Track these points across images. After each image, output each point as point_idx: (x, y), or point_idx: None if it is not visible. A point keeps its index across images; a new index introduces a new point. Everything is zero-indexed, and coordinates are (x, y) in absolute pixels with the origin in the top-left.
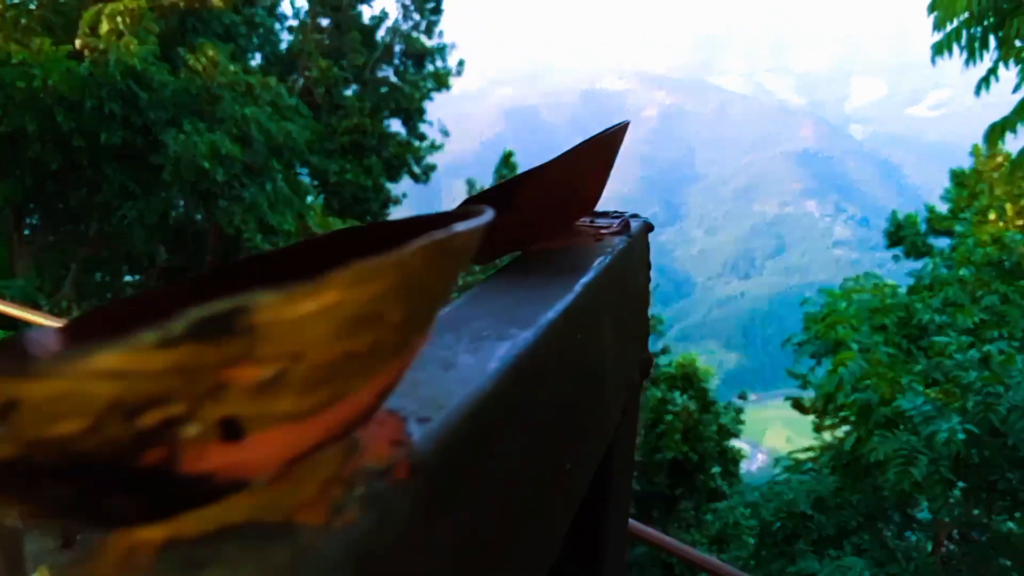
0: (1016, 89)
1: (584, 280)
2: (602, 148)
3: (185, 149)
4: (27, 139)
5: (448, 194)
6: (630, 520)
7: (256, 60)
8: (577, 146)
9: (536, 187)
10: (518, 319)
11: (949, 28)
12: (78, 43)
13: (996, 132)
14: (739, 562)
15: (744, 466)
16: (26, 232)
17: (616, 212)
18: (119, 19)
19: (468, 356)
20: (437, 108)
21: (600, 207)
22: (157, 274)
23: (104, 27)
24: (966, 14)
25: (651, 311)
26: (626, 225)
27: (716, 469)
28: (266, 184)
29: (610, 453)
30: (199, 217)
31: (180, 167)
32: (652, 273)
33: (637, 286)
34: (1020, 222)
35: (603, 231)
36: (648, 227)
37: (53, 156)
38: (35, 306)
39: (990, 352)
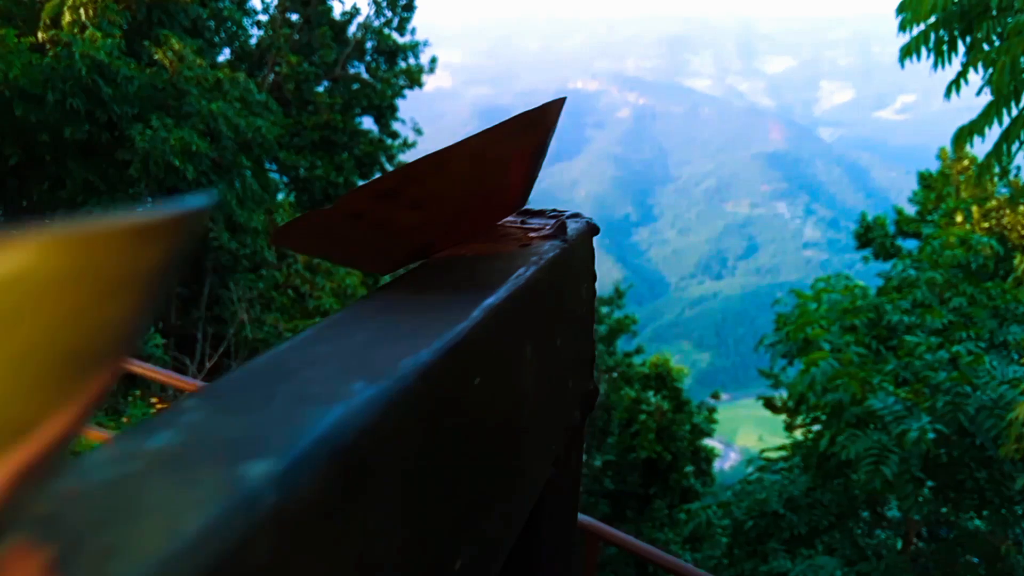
0: (979, 92)
1: (489, 303)
2: (528, 128)
3: (153, 145)
4: None
5: None
6: (601, 524)
7: (225, 55)
8: (496, 124)
9: (440, 174)
10: (371, 364)
11: (917, 31)
12: (40, 35)
13: (963, 136)
14: (712, 561)
15: (717, 465)
16: None
17: (553, 211)
18: (82, 11)
19: (274, 431)
20: (410, 106)
21: (574, 207)
22: None
23: (66, 19)
24: (934, 17)
25: (626, 311)
26: (561, 227)
27: (689, 468)
28: (235, 181)
29: (540, 512)
30: None
31: (148, 163)
32: (627, 273)
33: (577, 302)
34: (986, 224)
35: (532, 234)
36: (592, 229)
37: (14, 150)
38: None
39: (959, 352)
